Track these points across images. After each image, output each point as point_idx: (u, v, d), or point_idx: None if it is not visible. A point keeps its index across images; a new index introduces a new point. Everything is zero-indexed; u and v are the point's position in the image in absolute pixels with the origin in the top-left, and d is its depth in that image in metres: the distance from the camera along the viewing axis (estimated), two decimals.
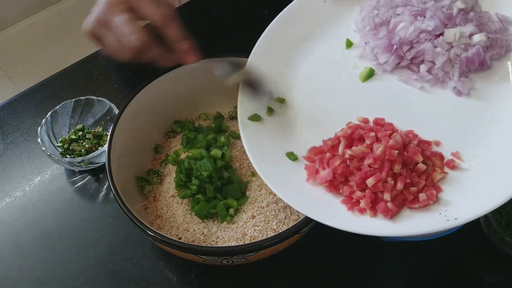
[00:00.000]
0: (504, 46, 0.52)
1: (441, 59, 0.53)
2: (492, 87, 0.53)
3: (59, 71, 0.90)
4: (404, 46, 0.55)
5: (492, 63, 0.53)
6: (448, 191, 0.49)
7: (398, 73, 0.57)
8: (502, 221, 0.63)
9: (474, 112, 0.52)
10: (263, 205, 0.64)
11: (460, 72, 0.53)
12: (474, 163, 0.50)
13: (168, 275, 0.64)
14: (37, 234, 0.68)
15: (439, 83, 0.55)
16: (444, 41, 0.53)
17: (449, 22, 0.53)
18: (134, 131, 0.66)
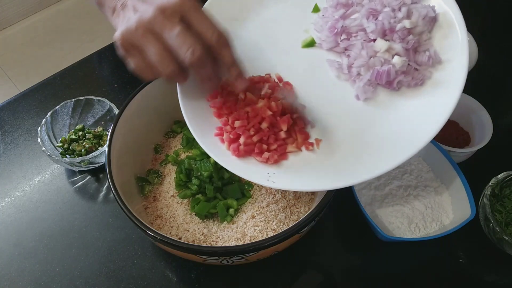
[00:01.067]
0: (418, 79, 0.54)
1: (360, 61, 0.55)
2: (386, 106, 0.55)
3: (59, 71, 0.90)
4: (343, 34, 0.57)
5: (403, 88, 0.55)
6: (288, 163, 0.54)
7: (331, 55, 0.59)
8: (502, 221, 0.64)
9: (359, 115, 0.55)
10: (263, 205, 0.64)
11: (368, 80, 0.55)
12: (325, 153, 0.54)
13: (168, 275, 0.64)
14: (37, 234, 0.68)
15: (351, 81, 0.57)
16: (372, 47, 0.55)
17: (389, 33, 0.55)
18: (134, 131, 0.66)
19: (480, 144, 0.69)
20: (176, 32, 0.48)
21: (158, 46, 0.49)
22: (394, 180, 0.69)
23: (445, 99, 0.51)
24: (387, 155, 0.51)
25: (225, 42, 0.51)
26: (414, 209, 0.66)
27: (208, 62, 0.51)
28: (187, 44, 0.48)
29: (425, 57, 0.53)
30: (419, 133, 0.50)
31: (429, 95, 0.53)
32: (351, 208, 0.65)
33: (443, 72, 0.53)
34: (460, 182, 0.65)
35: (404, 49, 0.54)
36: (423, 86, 0.54)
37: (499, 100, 0.82)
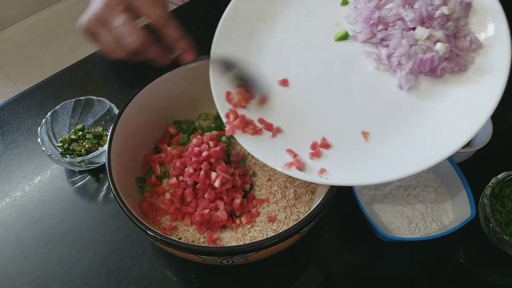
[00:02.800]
0: (461, 64, 0.54)
1: (401, 50, 0.55)
2: (432, 95, 0.55)
3: (59, 71, 0.90)
4: (380, 25, 0.57)
5: (446, 75, 0.55)
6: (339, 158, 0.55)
7: (367, 46, 0.59)
8: (502, 221, 0.63)
9: (404, 105, 0.55)
10: (263, 205, 0.64)
11: (410, 69, 0.55)
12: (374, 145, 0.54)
13: (168, 275, 0.64)
14: (37, 234, 0.68)
15: (391, 71, 0.57)
16: (412, 36, 0.55)
17: (427, 21, 0.54)
18: (134, 131, 0.66)
19: (480, 144, 0.69)
20: (119, 22, 0.56)
21: (108, 35, 0.58)
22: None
23: (490, 85, 0.50)
24: (438, 144, 0.51)
25: (166, 21, 0.58)
26: (414, 209, 0.66)
27: (152, 44, 0.58)
28: (130, 32, 0.56)
29: (466, 42, 0.53)
30: (468, 120, 0.50)
31: (474, 81, 0.52)
32: (351, 208, 0.65)
33: (486, 57, 0.52)
34: (460, 182, 0.64)
35: (445, 35, 0.53)
36: (466, 72, 0.53)
37: (499, 100, 0.82)
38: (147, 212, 0.64)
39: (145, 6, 0.57)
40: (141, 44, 0.56)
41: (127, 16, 0.56)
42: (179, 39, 0.60)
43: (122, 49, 0.58)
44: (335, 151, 0.55)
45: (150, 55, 0.59)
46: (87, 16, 0.58)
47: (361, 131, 0.55)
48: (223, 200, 0.62)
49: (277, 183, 0.66)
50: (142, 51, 0.58)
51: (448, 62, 0.53)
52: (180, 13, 0.99)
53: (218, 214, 0.61)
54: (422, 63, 0.54)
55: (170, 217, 0.63)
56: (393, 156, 0.53)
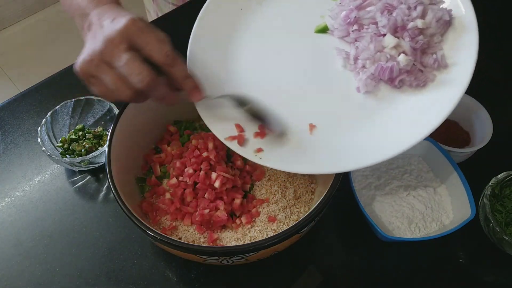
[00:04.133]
0: (421, 80, 0.54)
1: (366, 54, 0.56)
2: (386, 101, 0.56)
3: (59, 71, 0.90)
4: (355, 25, 0.58)
5: (404, 87, 0.55)
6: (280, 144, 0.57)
7: (342, 43, 0.60)
8: (502, 221, 0.63)
9: (358, 107, 0.56)
10: (263, 205, 0.64)
11: (371, 74, 0.55)
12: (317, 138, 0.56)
13: (168, 275, 0.64)
14: (37, 234, 0.68)
15: (355, 72, 0.58)
16: (380, 42, 0.55)
17: (400, 30, 0.55)
18: (134, 131, 0.66)
19: (480, 144, 0.69)
20: (123, 61, 0.51)
21: (111, 75, 0.52)
22: (394, 180, 0.69)
23: (445, 99, 0.51)
24: (380, 147, 0.52)
25: (173, 60, 0.53)
26: (414, 209, 0.66)
27: (159, 84, 0.53)
28: (135, 72, 0.51)
29: (431, 60, 0.53)
30: (414, 129, 0.51)
31: (430, 94, 0.53)
32: (351, 208, 0.65)
33: (447, 75, 0.53)
34: (460, 182, 0.64)
35: (411, 48, 0.53)
36: (425, 88, 0.54)
37: (499, 100, 0.82)
38: (147, 212, 0.64)
39: (151, 44, 0.52)
40: (146, 86, 0.51)
41: (132, 54, 0.51)
42: (186, 78, 0.55)
43: (127, 90, 0.52)
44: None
45: (157, 96, 0.55)
46: (84, 55, 0.53)
47: (308, 123, 0.56)
48: (223, 200, 0.62)
49: (277, 183, 0.66)
50: (148, 92, 0.53)
51: (408, 75, 0.54)
52: (179, 14, 0.99)
53: (218, 214, 0.61)
54: (382, 70, 0.54)
55: (170, 217, 0.63)
56: (331, 151, 0.54)
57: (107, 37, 0.51)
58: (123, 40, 0.51)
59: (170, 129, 0.71)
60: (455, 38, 0.54)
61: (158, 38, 0.52)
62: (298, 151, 0.55)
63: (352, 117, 0.56)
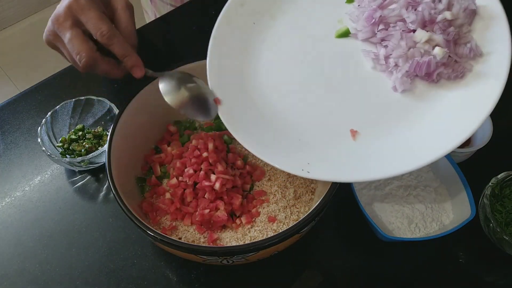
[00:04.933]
0: (459, 71, 0.53)
1: (398, 52, 0.54)
2: (426, 98, 0.54)
3: (59, 71, 0.90)
4: (381, 25, 0.57)
5: (442, 81, 0.54)
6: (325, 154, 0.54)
7: (366, 45, 0.59)
8: (502, 221, 0.63)
9: (397, 107, 0.55)
10: (263, 205, 0.64)
11: (406, 71, 0.54)
12: (362, 145, 0.54)
13: (168, 275, 0.64)
14: (37, 234, 0.68)
15: (387, 72, 0.56)
16: (412, 38, 0.54)
17: (429, 24, 0.54)
18: (134, 131, 0.66)
19: (480, 144, 0.69)
20: (66, 39, 0.57)
21: (64, 49, 0.59)
22: (394, 180, 0.69)
23: (486, 92, 0.50)
24: (426, 148, 0.50)
25: (109, 38, 0.57)
26: (414, 209, 0.66)
27: (100, 61, 0.58)
28: (75, 50, 0.56)
29: (466, 49, 0.52)
30: (459, 126, 0.50)
31: (470, 87, 0.52)
32: (351, 208, 0.65)
33: (484, 65, 0.52)
34: (460, 182, 0.64)
35: (445, 41, 0.53)
36: (463, 79, 0.53)
37: (499, 100, 0.82)
38: (147, 212, 0.64)
39: (90, 22, 0.57)
40: (86, 63, 0.56)
41: (74, 31, 0.56)
42: (125, 56, 0.58)
43: (76, 64, 0.58)
44: (322, 146, 0.55)
45: (101, 70, 0.59)
46: (45, 30, 0.60)
47: (350, 129, 0.55)
48: (223, 200, 0.62)
49: (277, 183, 0.66)
50: (91, 68, 0.58)
51: (445, 68, 0.53)
52: (178, 14, 0.99)
53: (218, 214, 0.61)
54: (418, 66, 0.53)
55: (170, 217, 0.63)
56: (380, 155, 0.53)
57: (55, 13, 0.57)
58: (67, 17, 0.56)
59: (170, 129, 0.72)
60: (484, 27, 0.53)
61: (98, 16, 0.56)
62: (346, 159, 0.53)
63: (393, 118, 0.54)
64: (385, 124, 0.54)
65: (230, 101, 0.58)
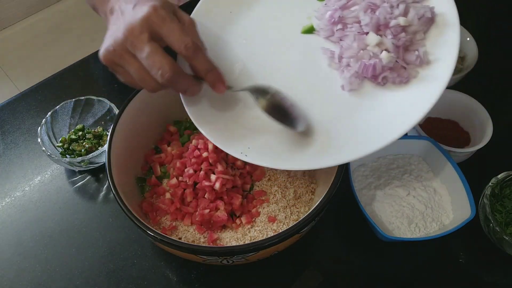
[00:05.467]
0: (403, 77, 0.54)
1: (350, 52, 0.56)
2: (370, 96, 0.56)
3: (59, 71, 0.90)
4: (339, 24, 0.59)
5: (388, 84, 0.56)
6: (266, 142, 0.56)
7: (327, 43, 0.61)
8: (502, 221, 0.63)
9: (343, 104, 0.57)
10: (263, 205, 0.64)
11: (354, 72, 0.56)
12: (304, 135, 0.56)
13: (168, 275, 0.64)
14: (37, 234, 0.68)
15: (340, 71, 0.58)
16: (363, 40, 0.56)
17: (383, 28, 0.56)
18: (134, 131, 0.66)
19: (480, 144, 0.69)
20: (145, 53, 0.49)
21: (135, 66, 0.51)
22: (394, 180, 0.69)
23: (427, 95, 0.52)
24: (365, 141, 0.52)
25: (194, 51, 0.51)
26: (414, 209, 0.66)
27: (181, 77, 0.51)
28: (156, 66, 0.49)
29: (414, 57, 0.54)
30: (397, 123, 0.52)
31: (413, 91, 0.54)
32: (351, 208, 0.65)
33: (430, 71, 0.54)
34: (460, 182, 0.65)
35: (394, 46, 0.54)
36: (407, 84, 0.55)
37: (499, 100, 0.82)
38: (147, 212, 0.64)
39: (172, 35, 0.50)
40: (167, 80, 0.49)
41: (153, 45, 0.49)
42: (208, 70, 0.53)
43: (150, 82, 0.51)
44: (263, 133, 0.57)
45: (179, 88, 0.53)
46: (107, 44, 0.51)
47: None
48: (223, 200, 0.62)
49: (277, 183, 0.66)
50: (170, 84, 0.51)
51: (391, 72, 0.55)
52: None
53: (218, 214, 0.61)
54: (365, 68, 0.55)
55: (170, 217, 0.63)
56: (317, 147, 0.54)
57: (128, 26, 0.49)
58: (144, 29, 0.49)
59: (170, 129, 0.72)
60: (438, 34, 0.55)
61: (180, 28, 0.50)
62: (283, 148, 0.55)
63: (338, 114, 0.56)
64: (329, 118, 0.56)
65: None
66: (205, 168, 0.62)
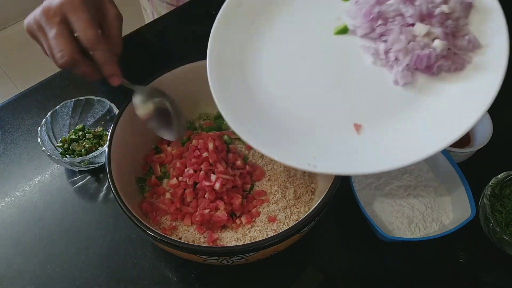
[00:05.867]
0: (458, 63, 0.54)
1: (398, 45, 0.55)
2: (427, 90, 0.55)
3: (59, 71, 0.89)
4: (379, 20, 0.57)
5: (442, 73, 0.55)
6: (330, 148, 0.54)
7: (365, 41, 0.59)
8: (502, 221, 0.63)
9: (399, 101, 0.55)
10: (263, 205, 0.64)
11: (406, 65, 0.55)
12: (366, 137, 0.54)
13: (168, 275, 0.64)
14: (37, 234, 0.68)
15: (388, 66, 0.57)
16: (411, 32, 0.55)
17: (427, 18, 0.54)
18: (134, 131, 0.66)
19: (480, 144, 0.69)
20: (52, 34, 0.56)
21: (45, 43, 0.58)
22: (394, 180, 0.69)
23: (486, 84, 0.51)
24: (428, 139, 0.51)
25: (93, 45, 0.57)
26: (414, 209, 0.66)
27: (79, 62, 0.58)
28: (58, 47, 0.56)
29: (465, 42, 0.53)
30: (462, 117, 0.50)
31: (470, 80, 0.53)
32: (351, 208, 0.65)
33: (483, 57, 0.53)
34: (460, 182, 0.65)
35: (444, 33, 0.53)
36: (463, 71, 0.54)
37: (499, 100, 0.82)
38: (147, 212, 0.64)
39: (78, 24, 0.57)
40: (65, 62, 0.56)
41: (61, 28, 0.56)
42: (105, 64, 0.59)
43: (55, 60, 0.57)
44: (327, 140, 0.55)
45: (78, 72, 0.60)
46: (30, 16, 0.59)
47: (353, 123, 0.55)
48: (223, 200, 0.62)
49: (277, 183, 0.66)
50: (69, 67, 0.58)
51: (445, 60, 0.54)
52: (178, 14, 0.99)
53: (218, 214, 0.61)
54: (419, 59, 0.54)
55: (170, 217, 0.63)
56: (384, 148, 0.53)
57: (46, 6, 0.57)
58: (57, 13, 0.56)
59: None
60: (480, 20, 0.54)
61: (87, 20, 0.56)
62: (351, 152, 0.54)
63: (396, 111, 0.55)
64: (387, 117, 0.55)
65: (230, 98, 0.58)
66: (205, 168, 0.62)
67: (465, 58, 0.53)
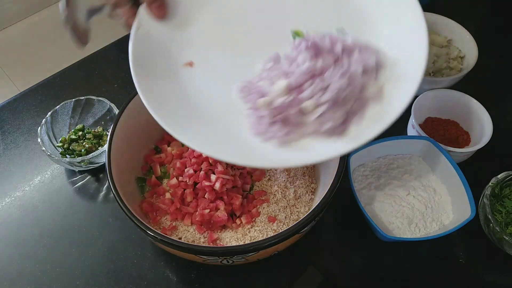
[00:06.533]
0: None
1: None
2: None
3: (59, 71, 0.90)
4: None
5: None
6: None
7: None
8: (502, 221, 0.63)
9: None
10: (263, 205, 0.64)
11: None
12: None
13: (168, 275, 0.64)
14: (37, 234, 0.68)
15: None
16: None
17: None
18: (134, 131, 0.66)
19: (480, 144, 0.69)
20: None
21: None
22: (394, 180, 0.69)
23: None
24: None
25: None
26: (414, 209, 0.66)
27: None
28: None
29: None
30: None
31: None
32: (351, 208, 0.65)
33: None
34: (460, 182, 0.64)
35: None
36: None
37: (499, 100, 0.82)
38: (147, 212, 0.64)
39: None
40: None
41: None
42: None
43: None
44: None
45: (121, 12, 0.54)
46: None
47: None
48: (223, 200, 0.62)
49: (277, 183, 0.66)
50: (117, 5, 0.53)
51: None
52: None
53: (218, 214, 0.61)
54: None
55: (170, 217, 0.63)
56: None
57: None
58: None
59: None
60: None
61: None
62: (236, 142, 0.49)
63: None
64: None
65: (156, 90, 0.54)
66: (205, 168, 0.62)
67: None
